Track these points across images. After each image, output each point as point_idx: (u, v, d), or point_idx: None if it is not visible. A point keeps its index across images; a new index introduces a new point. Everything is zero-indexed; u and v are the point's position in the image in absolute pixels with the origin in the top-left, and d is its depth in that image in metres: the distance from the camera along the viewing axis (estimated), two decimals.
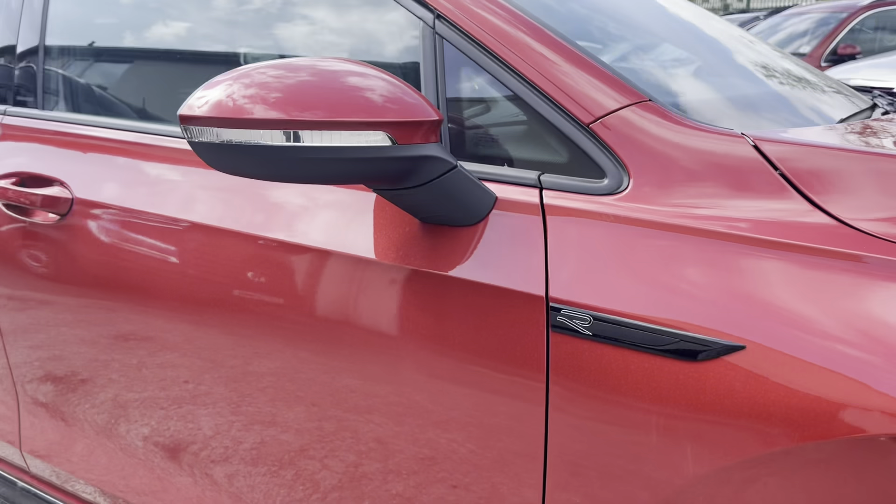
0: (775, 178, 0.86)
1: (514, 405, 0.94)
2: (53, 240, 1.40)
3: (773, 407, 0.78)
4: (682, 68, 1.21)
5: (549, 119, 0.97)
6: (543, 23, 1.04)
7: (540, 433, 0.92)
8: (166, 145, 1.31)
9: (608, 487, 0.89)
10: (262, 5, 1.35)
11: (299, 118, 0.84)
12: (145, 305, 1.28)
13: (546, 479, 0.93)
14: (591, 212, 0.91)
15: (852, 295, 0.78)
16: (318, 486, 1.16)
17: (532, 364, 0.91)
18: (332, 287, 1.07)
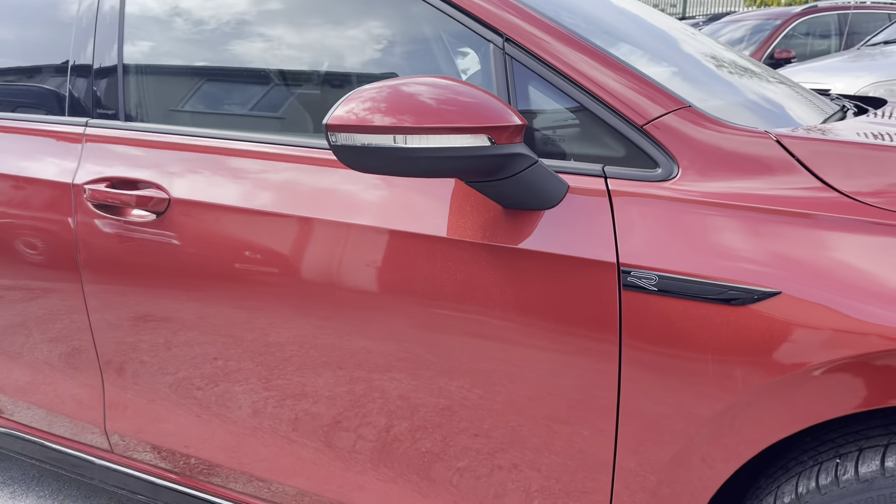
0: (794, 164, 1.13)
1: (590, 359, 1.17)
2: (150, 235, 1.58)
3: (802, 335, 1.03)
4: (700, 80, 1.47)
5: (609, 122, 1.22)
6: (597, 44, 1.29)
7: (614, 381, 1.16)
8: (247, 148, 1.52)
9: (671, 415, 1.13)
10: (343, 25, 1.57)
11: (422, 125, 1.08)
12: (234, 290, 1.48)
13: (619, 414, 1.17)
14: (650, 195, 1.16)
15: (855, 250, 1.04)
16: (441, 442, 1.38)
17: (607, 321, 1.15)
18: (426, 268, 1.29)
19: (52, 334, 1.80)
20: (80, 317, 1.73)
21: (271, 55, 1.67)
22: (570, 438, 1.23)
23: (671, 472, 1.16)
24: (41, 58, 1.94)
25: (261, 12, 1.67)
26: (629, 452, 1.18)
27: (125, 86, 1.73)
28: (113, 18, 1.76)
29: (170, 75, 1.79)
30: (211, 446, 1.65)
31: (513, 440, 1.28)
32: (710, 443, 1.11)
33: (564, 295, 1.18)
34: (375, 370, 1.37)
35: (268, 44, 1.69)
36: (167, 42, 1.77)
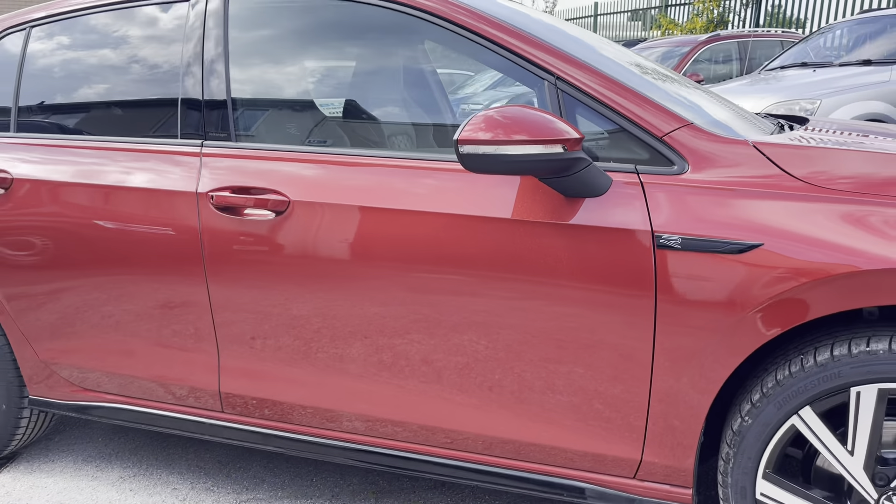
0: (766, 161, 1.70)
1: (636, 298, 1.70)
2: (270, 230, 2.02)
3: (777, 271, 1.59)
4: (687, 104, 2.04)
5: (638, 135, 1.76)
6: (626, 80, 1.83)
7: (652, 310, 1.69)
8: (352, 161, 1.99)
9: (692, 330, 1.67)
10: (439, 64, 2.07)
11: (528, 137, 1.59)
12: (345, 273, 1.94)
13: (656, 328, 1.70)
14: (670, 184, 1.71)
15: (806, 216, 1.61)
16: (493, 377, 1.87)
17: (646, 271, 1.68)
18: (510, 245, 1.79)
19: (174, 316, 2.20)
20: (202, 299, 2.14)
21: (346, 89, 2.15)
22: (618, 353, 1.75)
23: (693, 368, 1.69)
24: (156, 91, 2.35)
25: (340, 53, 2.16)
26: (666, 354, 1.71)
27: (234, 113, 2.17)
28: (219, 56, 2.20)
29: (271, 104, 2.24)
30: (309, 398, 2.09)
31: (586, 363, 1.80)
32: (720, 343, 1.65)
33: (615, 255, 1.71)
34: (495, 327, 1.85)
35: (343, 80, 2.17)
36: (267, 76, 2.23)
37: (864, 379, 1.58)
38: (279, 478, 2.56)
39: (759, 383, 1.71)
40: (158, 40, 2.37)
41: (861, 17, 7.53)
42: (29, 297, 2.41)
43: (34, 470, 2.67)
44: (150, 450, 2.78)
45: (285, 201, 2.01)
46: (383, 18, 2.08)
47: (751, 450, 1.71)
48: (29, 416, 2.62)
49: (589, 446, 1.84)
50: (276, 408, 2.17)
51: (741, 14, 13.70)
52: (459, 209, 1.85)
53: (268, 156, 2.10)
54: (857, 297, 1.58)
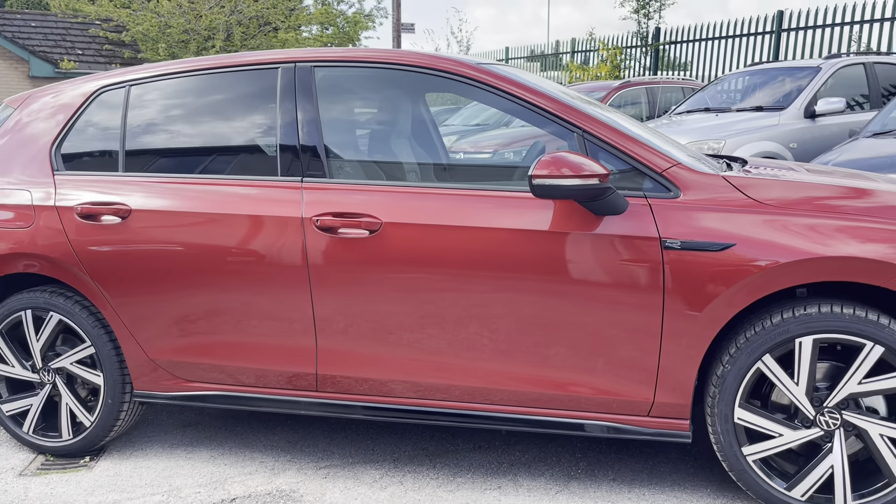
0: (733, 188, 2.49)
1: (650, 288, 2.44)
2: (365, 246, 2.65)
3: (745, 264, 2.37)
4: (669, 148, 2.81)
5: (645, 172, 2.52)
6: (629, 131, 2.60)
7: (661, 295, 2.44)
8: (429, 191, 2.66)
9: (689, 306, 2.42)
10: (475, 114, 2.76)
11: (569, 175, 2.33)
12: (428, 276, 2.60)
13: (664, 308, 2.44)
14: (670, 205, 2.47)
15: (760, 225, 2.40)
16: None
17: (657, 267, 2.43)
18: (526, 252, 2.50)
19: (280, 315, 2.78)
20: (305, 300, 2.74)
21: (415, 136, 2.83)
22: (638, 323, 2.48)
23: (689, 332, 2.44)
24: (248, 138, 2.96)
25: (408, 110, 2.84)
26: (671, 322, 2.45)
27: (327, 156, 2.80)
28: (311, 112, 2.83)
29: (356, 148, 2.89)
30: (391, 373, 2.72)
31: (594, 337, 2.51)
32: (708, 313, 2.41)
33: (633, 256, 2.45)
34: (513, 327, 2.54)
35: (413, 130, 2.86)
36: (350, 127, 2.88)
37: (804, 332, 2.37)
38: (344, 449, 3.14)
39: (734, 341, 2.48)
40: (250, 97, 2.99)
41: (750, 70, 8.77)
42: (143, 307, 2.93)
43: (129, 456, 3.15)
44: (224, 436, 3.31)
45: (378, 222, 2.65)
46: (454, 88, 2.79)
47: (730, 388, 2.47)
48: (127, 409, 3.11)
49: (620, 395, 2.55)
50: (364, 384, 2.78)
51: (641, 61, 15.11)
52: (515, 225, 2.55)
53: (359, 188, 2.74)
54: (792, 279, 2.37)
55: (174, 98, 3.10)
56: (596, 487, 2.76)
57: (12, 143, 3.24)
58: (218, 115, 3.06)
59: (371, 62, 2.90)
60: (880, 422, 2.39)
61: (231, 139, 3.04)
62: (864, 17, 11.53)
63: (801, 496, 2.45)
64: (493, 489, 2.78)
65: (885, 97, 7.88)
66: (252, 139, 3.00)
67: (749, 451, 2.48)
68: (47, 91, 3.34)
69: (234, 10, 21.01)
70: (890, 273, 2.32)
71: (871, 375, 2.37)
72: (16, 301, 3.12)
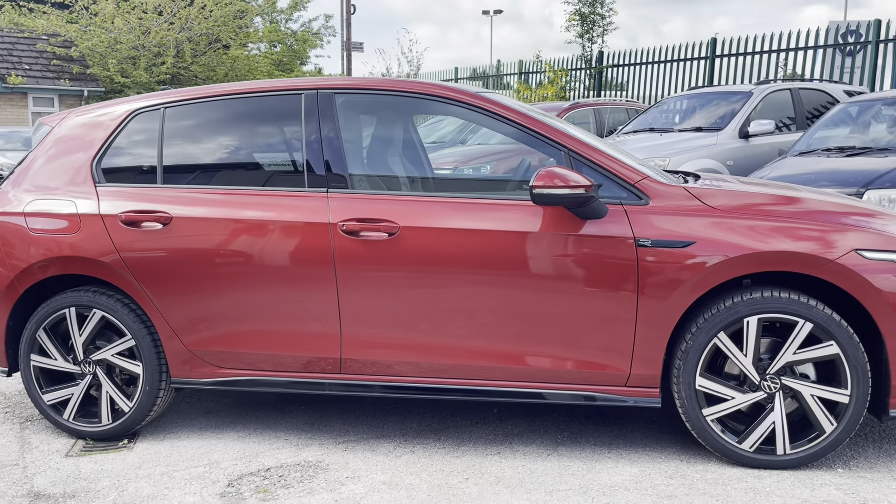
0: (691, 196, 3.04)
1: (626, 277, 2.97)
2: (385, 246, 3.12)
3: (704, 258, 2.92)
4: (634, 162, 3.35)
5: (620, 183, 3.06)
6: (607, 150, 3.13)
7: (635, 283, 2.97)
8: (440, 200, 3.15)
9: (658, 290, 2.95)
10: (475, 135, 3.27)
11: (561, 185, 2.85)
12: (437, 271, 3.08)
13: (639, 292, 2.97)
14: (642, 210, 3.01)
15: (714, 226, 2.96)
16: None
17: (631, 261, 2.96)
18: (524, 249, 3.01)
19: (308, 307, 3.21)
20: (332, 292, 3.17)
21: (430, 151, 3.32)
22: (617, 309, 3.00)
23: (660, 315, 2.97)
24: (274, 154, 3.40)
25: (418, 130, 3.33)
26: (644, 307, 2.98)
27: (349, 169, 3.26)
28: (334, 131, 3.28)
29: (374, 163, 3.36)
30: (408, 355, 3.18)
31: (581, 321, 3.03)
32: (675, 299, 2.94)
33: (612, 252, 2.98)
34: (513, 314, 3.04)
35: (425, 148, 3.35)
36: (368, 143, 3.35)
37: (751, 313, 2.93)
38: (358, 427, 3.58)
39: (695, 322, 3.02)
40: (277, 118, 3.43)
41: (689, 93, 9.53)
42: (183, 302, 3.32)
43: (163, 439, 3.52)
44: (247, 420, 3.70)
45: (396, 226, 3.12)
46: (454, 113, 3.29)
47: (692, 360, 3.00)
48: (162, 395, 3.48)
49: (604, 368, 3.06)
50: (381, 365, 3.22)
51: (584, 83, 15.92)
52: (508, 227, 3.05)
53: (378, 197, 3.21)
54: (739, 270, 2.93)
55: (206, 119, 3.52)
56: (580, 450, 3.26)
57: (53, 158, 3.60)
58: (248, 134, 3.49)
59: (387, 90, 3.38)
60: (811, 385, 2.96)
61: (260, 156, 3.47)
62: (790, 45, 12.52)
63: (750, 448, 3.00)
64: (494, 454, 3.25)
65: (808, 119, 8.71)
66: (280, 156, 3.45)
67: (708, 412, 3.02)
68: (82, 111, 3.71)
69: (183, 27, 21.13)
70: (816, 264, 2.90)
71: (803, 347, 2.94)
72: (60, 300, 3.47)
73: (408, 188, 3.42)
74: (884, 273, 2.89)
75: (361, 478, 3.06)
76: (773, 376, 2.97)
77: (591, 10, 15.37)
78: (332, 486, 2.99)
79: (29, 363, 3.51)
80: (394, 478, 3.05)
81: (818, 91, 9.02)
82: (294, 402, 3.92)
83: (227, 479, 3.08)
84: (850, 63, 12.38)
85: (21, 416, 3.85)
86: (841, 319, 2.91)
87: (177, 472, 3.15)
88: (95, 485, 3.06)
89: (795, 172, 6.40)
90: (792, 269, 2.94)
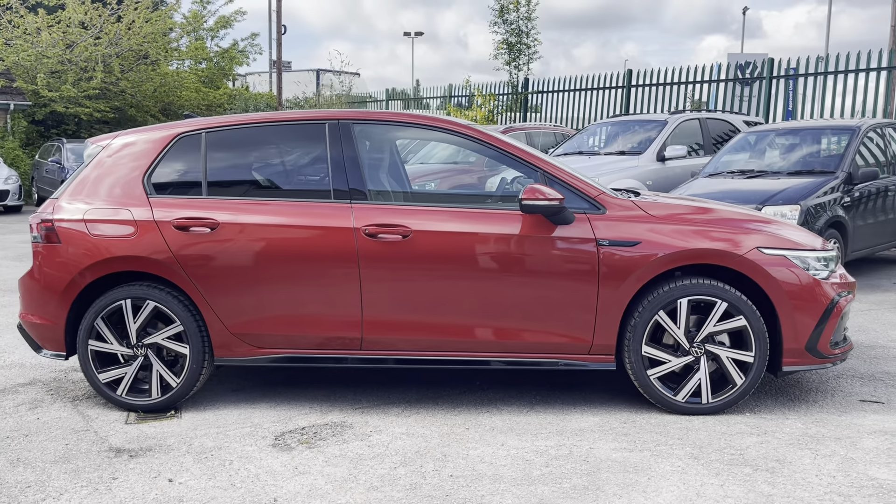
0: (637, 207, 3.98)
1: (588, 271, 3.87)
2: (400, 246, 3.92)
3: (649, 254, 3.85)
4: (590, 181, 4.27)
5: (583, 197, 3.97)
6: (575, 172, 4.04)
7: (595, 275, 3.87)
8: (440, 210, 3.99)
9: (614, 281, 3.86)
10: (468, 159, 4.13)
11: (542, 198, 3.75)
12: (444, 265, 3.91)
13: (599, 283, 3.87)
14: (601, 218, 3.92)
15: (654, 230, 3.90)
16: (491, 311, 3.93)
17: (593, 259, 3.87)
18: (527, 248, 3.89)
19: (335, 295, 3.97)
20: (355, 283, 3.95)
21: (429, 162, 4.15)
22: (583, 294, 3.89)
23: (615, 298, 3.87)
24: (303, 171, 4.16)
25: (425, 153, 4.16)
26: (603, 292, 3.87)
27: (368, 184, 4.05)
28: (354, 153, 4.07)
29: (390, 179, 4.16)
30: (415, 334, 3.98)
31: (555, 304, 3.90)
32: (626, 285, 3.86)
33: (578, 250, 3.88)
34: (504, 299, 3.89)
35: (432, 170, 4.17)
36: (384, 164, 4.15)
37: (682, 295, 3.88)
38: (368, 397, 4.34)
39: (640, 303, 3.94)
40: (304, 142, 4.20)
41: (612, 120, 10.68)
42: (228, 293, 4.02)
43: (204, 410, 4.19)
44: (272, 395, 4.40)
45: (410, 230, 3.93)
46: (453, 141, 4.14)
47: (639, 333, 3.92)
48: (204, 373, 4.15)
49: (572, 339, 3.94)
50: (395, 342, 4.01)
51: (511, 107, 17.05)
52: (498, 231, 3.91)
53: (393, 207, 4.01)
54: (672, 264, 3.88)
55: (243, 142, 4.24)
56: (552, 407, 4.13)
57: (105, 174, 4.24)
58: (279, 155, 4.24)
59: (396, 121, 4.22)
60: (727, 349, 3.93)
61: (291, 173, 4.23)
62: (696, 78, 13.95)
63: (682, 399, 3.94)
64: (484, 412, 4.08)
65: (714, 145, 9.97)
66: (309, 173, 4.21)
67: (651, 372, 3.95)
68: (128, 134, 4.37)
69: (112, 42, 21.22)
70: (729, 258, 3.87)
71: (720, 321, 3.90)
72: (116, 293, 4.10)
73: (419, 200, 4.25)
74: (778, 265, 3.89)
75: (382, 431, 3.83)
76: (698, 344, 3.92)
77: (518, 39, 16.54)
78: (361, 437, 3.75)
79: (86, 348, 4.12)
80: (409, 430, 3.84)
81: (722, 121, 10.32)
82: (308, 379, 4.65)
83: (272, 435, 3.79)
84: (747, 92, 13.92)
85: (68, 396, 4.43)
86: (747, 300, 3.89)
87: (229, 431, 3.84)
88: (164, 441, 3.72)
89: (706, 191, 7.54)
90: (712, 262, 3.91)
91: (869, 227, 7.84)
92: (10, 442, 3.72)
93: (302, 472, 3.33)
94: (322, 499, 3.07)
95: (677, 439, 3.64)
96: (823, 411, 4.05)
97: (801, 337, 3.91)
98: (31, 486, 3.21)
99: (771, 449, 3.51)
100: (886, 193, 8.12)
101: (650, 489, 3.11)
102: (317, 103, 24.79)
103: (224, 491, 3.15)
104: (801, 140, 8.41)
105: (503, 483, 3.19)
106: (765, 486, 3.12)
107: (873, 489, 3.09)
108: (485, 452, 3.53)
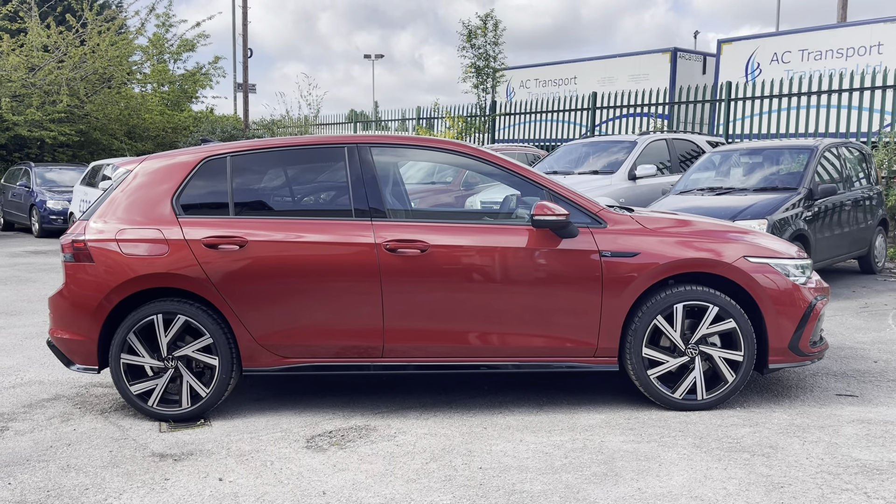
0: (635, 221, 4.36)
1: (593, 280, 4.22)
2: (418, 259, 4.23)
3: (648, 266, 4.22)
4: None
5: (585, 213, 4.34)
6: (576, 189, 4.41)
7: (599, 282, 4.23)
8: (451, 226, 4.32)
9: (616, 286, 4.23)
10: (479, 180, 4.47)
11: (550, 214, 4.11)
12: (456, 281, 4.24)
13: (603, 289, 4.23)
14: (603, 231, 4.29)
15: (652, 242, 4.28)
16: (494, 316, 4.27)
17: (596, 268, 4.23)
18: (520, 260, 4.24)
19: (358, 307, 4.25)
20: (377, 295, 4.24)
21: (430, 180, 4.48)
22: (588, 301, 4.24)
23: (617, 304, 4.23)
24: (325, 191, 4.45)
25: (439, 174, 4.50)
26: (607, 299, 4.23)
27: (387, 203, 4.36)
28: (372, 174, 4.38)
29: (406, 198, 4.47)
30: (433, 341, 4.28)
31: (563, 311, 4.25)
32: (627, 292, 4.22)
33: (582, 262, 4.24)
34: (515, 307, 4.23)
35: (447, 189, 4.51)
36: (399, 184, 4.47)
37: (678, 301, 4.26)
38: (386, 403, 4.61)
39: (640, 308, 4.31)
40: (325, 164, 4.49)
41: (584, 141, 11.16)
42: (256, 307, 4.28)
43: (232, 418, 4.41)
44: (294, 403, 4.65)
45: (427, 245, 4.25)
46: (462, 163, 4.48)
47: (640, 336, 4.29)
48: (232, 383, 4.39)
49: (579, 343, 4.28)
50: (415, 350, 4.31)
51: (480, 129, 17.50)
52: (508, 244, 4.25)
53: (411, 224, 4.33)
54: (667, 272, 4.26)
55: (266, 165, 4.53)
56: (560, 408, 4.46)
57: (134, 196, 4.48)
58: (303, 176, 4.55)
59: (411, 144, 4.55)
60: (719, 350, 4.32)
61: (314, 193, 4.52)
62: (659, 100, 14.56)
63: (679, 396, 4.31)
64: (497, 413, 4.39)
65: (681, 163, 10.49)
66: (331, 193, 4.50)
67: (651, 372, 4.31)
68: (155, 159, 4.62)
69: (76, 65, 21.16)
70: (720, 266, 4.27)
71: (712, 324, 4.28)
72: (148, 309, 4.33)
73: (435, 217, 4.57)
74: (762, 272, 4.30)
75: (406, 432, 4.11)
76: (693, 345, 4.30)
77: (486, 63, 17.03)
78: (387, 438, 4.03)
79: (119, 361, 4.33)
80: (431, 431, 4.13)
81: (687, 141, 10.86)
82: (325, 388, 4.91)
83: (303, 439, 4.05)
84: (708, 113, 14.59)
85: (97, 409, 4.61)
86: (736, 304, 4.29)
87: (262, 436, 4.09)
88: (203, 446, 3.95)
89: (678, 207, 8.00)
90: (704, 270, 4.30)
91: (828, 240, 8.39)
92: (55, 451, 3.91)
93: (342, 469, 3.60)
94: (367, 490, 3.35)
95: (679, 432, 4.00)
96: (805, 404, 4.45)
97: (784, 337, 4.31)
98: (89, 489, 3.42)
99: (763, 437, 3.89)
100: (843, 208, 8.70)
101: (663, 473, 3.45)
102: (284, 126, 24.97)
103: (274, 487, 3.41)
104: (764, 159, 8.96)
105: (530, 472, 3.50)
106: (763, 468, 3.49)
107: (858, 468, 3.48)
108: (506, 447, 3.84)
